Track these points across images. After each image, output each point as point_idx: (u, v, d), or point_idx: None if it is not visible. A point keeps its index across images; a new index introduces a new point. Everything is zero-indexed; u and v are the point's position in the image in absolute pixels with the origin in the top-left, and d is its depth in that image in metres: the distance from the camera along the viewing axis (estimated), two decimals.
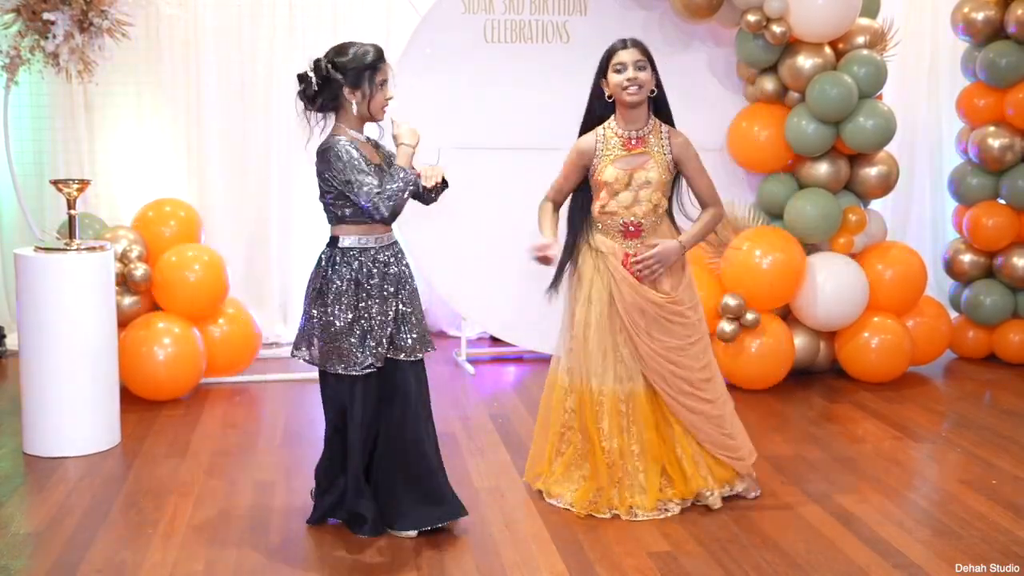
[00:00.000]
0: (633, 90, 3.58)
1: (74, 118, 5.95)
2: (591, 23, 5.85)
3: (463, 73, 5.78)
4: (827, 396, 5.36)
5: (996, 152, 5.94)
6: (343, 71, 3.37)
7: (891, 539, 3.55)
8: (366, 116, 3.45)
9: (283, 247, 6.35)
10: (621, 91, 3.60)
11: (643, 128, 3.66)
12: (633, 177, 3.65)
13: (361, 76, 3.38)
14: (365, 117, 3.46)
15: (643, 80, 3.58)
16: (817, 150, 5.49)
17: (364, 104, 3.41)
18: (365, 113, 3.44)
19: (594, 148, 3.69)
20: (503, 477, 4.12)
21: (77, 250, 4.38)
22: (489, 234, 5.89)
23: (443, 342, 6.49)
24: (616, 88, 3.61)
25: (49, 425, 4.31)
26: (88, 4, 5.18)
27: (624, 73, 3.58)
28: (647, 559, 3.38)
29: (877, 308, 5.56)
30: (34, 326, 4.28)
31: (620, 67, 3.58)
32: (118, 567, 3.29)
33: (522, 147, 5.86)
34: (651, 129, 3.67)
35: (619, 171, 3.64)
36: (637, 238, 3.68)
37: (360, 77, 3.38)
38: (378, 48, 3.43)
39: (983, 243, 6.09)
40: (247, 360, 5.50)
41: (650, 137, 3.66)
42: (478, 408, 5.11)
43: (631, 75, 3.56)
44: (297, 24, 6.18)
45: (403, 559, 3.36)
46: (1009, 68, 5.88)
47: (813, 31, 5.39)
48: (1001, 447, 4.55)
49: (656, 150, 3.66)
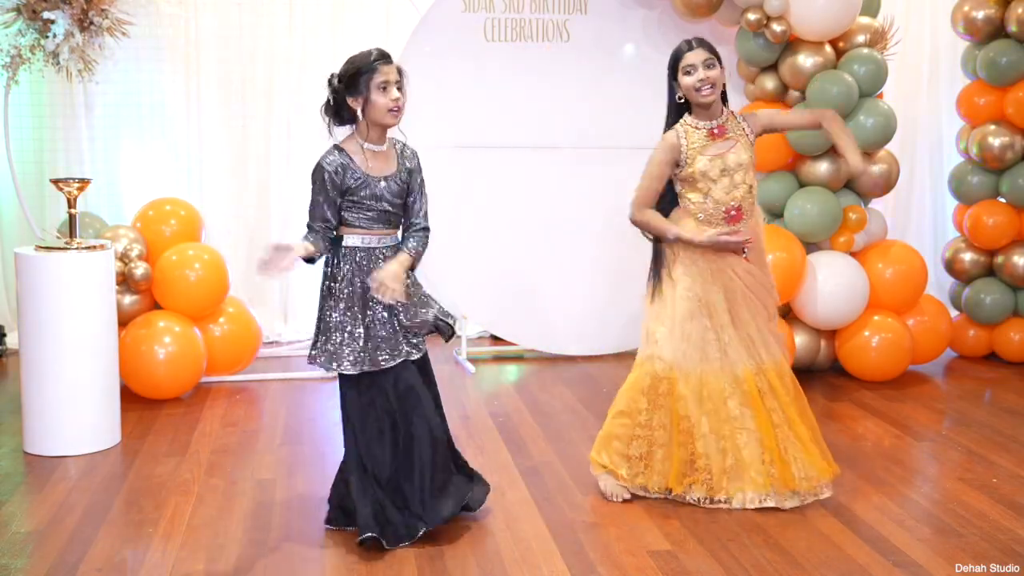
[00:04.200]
0: (707, 91, 3.67)
1: (74, 117, 5.95)
2: (591, 22, 5.86)
3: (463, 72, 5.78)
4: (827, 395, 5.36)
5: (996, 151, 5.94)
6: (343, 79, 3.36)
7: (891, 537, 3.54)
8: (375, 122, 3.39)
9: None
10: (695, 92, 3.68)
11: (720, 117, 3.76)
12: (726, 162, 3.72)
13: (358, 81, 3.34)
14: (375, 123, 3.40)
15: (715, 78, 3.67)
16: (817, 149, 5.49)
17: (367, 110, 3.37)
18: (372, 119, 3.39)
19: (679, 143, 3.74)
20: (503, 476, 4.12)
21: (77, 249, 4.38)
22: (489, 232, 5.89)
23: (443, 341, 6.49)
24: (689, 90, 3.69)
25: (49, 424, 4.31)
26: (88, 3, 5.19)
27: (695, 75, 3.66)
28: (648, 558, 3.38)
29: (877, 307, 5.56)
30: (34, 325, 4.28)
31: (690, 69, 3.66)
32: (118, 566, 3.29)
33: (522, 146, 5.87)
34: (726, 117, 3.77)
35: (710, 159, 3.71)
36: (740, 221, 3.76)
37: (357, 83, 3.35)
38: (379, 51, 3.38)
39: (983, 242, 6.08)
40: (247, 359, 5.50)
41: (728, 124, 3.76)
42: (478, 407, 5.11)
43: (702, 76, 3.65)
44: (297, 24, 6.19)
45: (403, 559, 3.36)
46: (1009, 67, 5.88)
47: (813, 30, 5.39)
48: (1001, 445, 4.55)
49: (737, 132, 3.76)
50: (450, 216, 5.81)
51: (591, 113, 5.90)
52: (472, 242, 5.87)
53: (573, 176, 5.93)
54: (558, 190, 5.92)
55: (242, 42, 6.14)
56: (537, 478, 4.10)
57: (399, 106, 3.37)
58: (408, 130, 6.19)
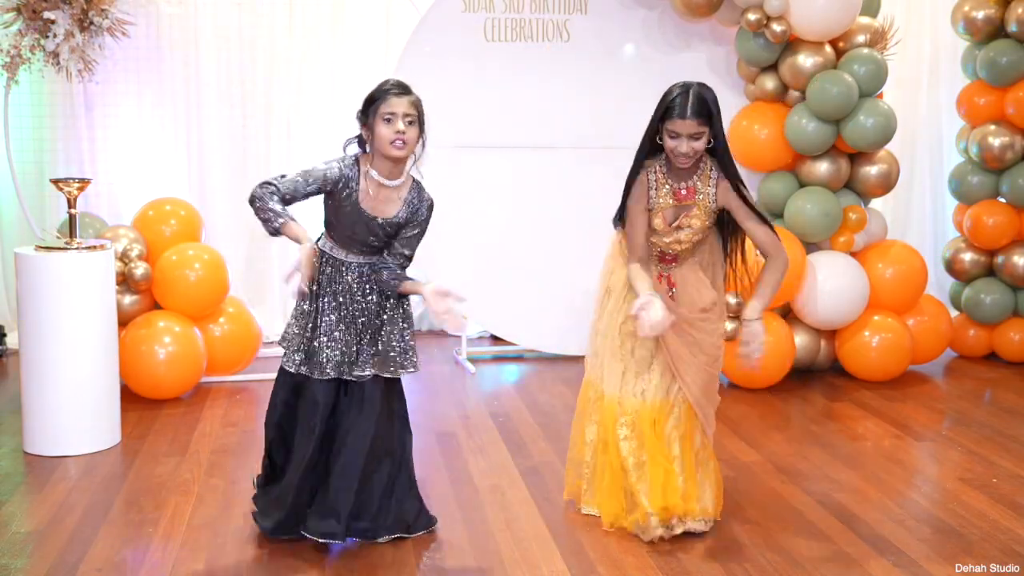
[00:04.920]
0: (683, 160, 3.46)
1: (74, 117, 5.95)
2: (591, 22, 5.85)
3: (463, 72, 5.78)
4: (827, 395, 5.36)
5: (996, 151, 5.94)
6: (363, 105, 3.32)
7: (891, 537, 3.55)
8: (379, 152, 3.30)
9: (283, 246, 6.35)
10: (672, 155, 3.47)
11: (693, 177, 3.55)
12: (679, 225, 3.57)
13: (368, 110, 3.29)
14: (379, 153, 3.31)
15: (697, 149, 3.44)
16: (817, 149, 5.49)
17: (373, 139, 3.29)
18: (377, 149, 3.30)
19: (648, 186, 3.57)
20: (503, 476, 4.12)
21: (78, 249, 4.38)
22: (490, 232, 5.89)
23: (444, 341, 6.50)
24: (669, 150, 3.48)
25: (49, 424, 4.31)
26: (88, 3, 5.19)
27: (677, 142, 3.42)
28: (648, 558, 3.38)
29: (877, 307, 5.56)
30: (34, 325, 4.28)
31: (674, 135, 3.44)
32: (118, 566, 3.29)
33: (522, 146, 5.87)
34: (700, 175, 3.55)
35: (665, 221, 3.56)
36: (674, 263, 3.66)
37: (367, 111, 3.29)
38: (396, 83, 3.30)
39: (983, 242, 6.08)
40: (247, 359, 5.50)
41: (698, 183, 3.56)
42: (479, 407, 5.11)
43: (684, 149, 3.42)
44: (297, 24, 6.18)
45: (404, 558, 3.36)
46: (1009, 67, 5.88)
47: (813, 30, 5.39)
48: (1001, 445, 4.55)
49: (701, 198, 3.55)
50: (450, 216, 5.81)
51: (591, 113, 5.90)
52: (472, 242, 5.87)
53: (573, 176, 5.92)
54: (558, 190, 5.92)
55: (242, 42, 6.14)
56: (537, 478, 4.10)
57: (404, 140, 3.25)
58: None
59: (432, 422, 4.84)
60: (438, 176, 5.83)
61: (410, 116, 3.27)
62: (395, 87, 3.29)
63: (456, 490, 3.97)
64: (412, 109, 3.27)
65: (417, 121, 3.29)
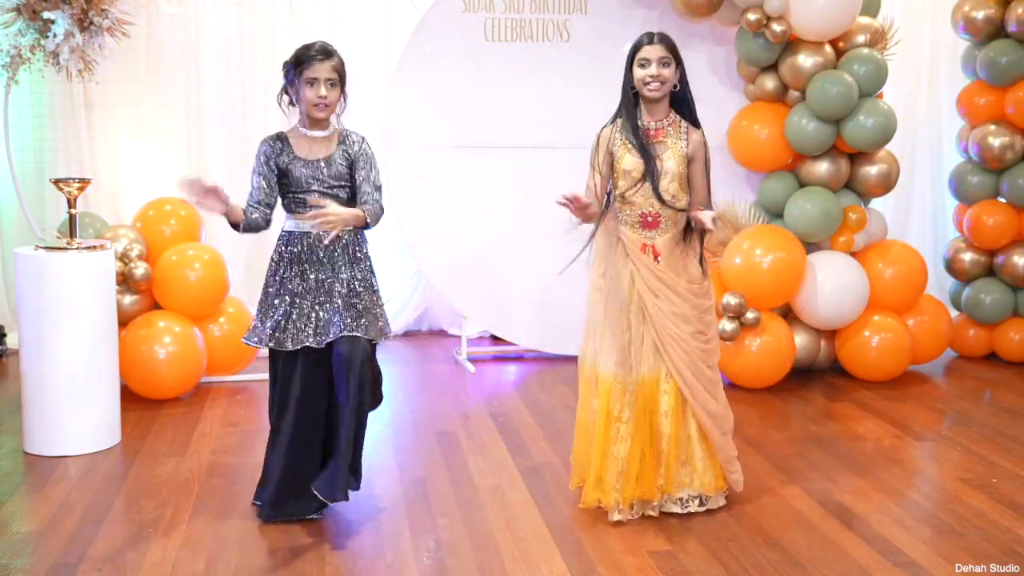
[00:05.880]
0: (655, 86, 3.60)
1: (74, 117, 5.95)
2: (591, 22, 5.85)
3: (463, 72, 5.78)
4: (828, 395, 5.36)
5: (996, 151, 5.94)
6: (288, 66, 3.50)
7: (892, 537, 3.55)
8: (305, 113, 3.51)
9: None
10: (643, 86, 3.62)
11: (663, 120, 3.68)
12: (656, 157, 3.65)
13: (290, 73, 3.49)
14: (305, 114, 3.52)
15: (666, 76, 3.60)
16: (817, 149, 5.49)
17: (299, 100, 3.49)
18: (303, 110, 3.51)
19: (611, 137, 3.71)
20: (503, 476, 4.12)
21: (78, 249, 4.38)
22: (489, 232, 5.89)
23: (444, 341, 6.50)
24: (639, 83, 3.63)
25: (49, 424, 4.31)
26: (88, 3, 5.19)
27: (647, 69, 3.59)
28: (648, 558, 3.38)
29: (877, 307, 5.56)
30: (34, 325, 4.28)
31: (644, 62, 3.60)
32: (118, 566, 3.29)
33: (521, 146, 5.86)
34: (671, 122, 3.69)
35: (637, 159, 3.64)
36: (655, 228, 3.68)
37: (290, 74, 3.49)
38: (321, 46, 3.46)
39: (983, 242, 6.08)
40: (247, 359, 5.50)
41: (669, 129, 3.68)
42: (479, 407, 5.11)
43: (654, 72, 3.58)
44: (297, 23, 6.18)
45: (404, 558, 3.36)
46: (1009, 66, 5.88)
47: (813, 30, 5.39)
48: (1002, 445, 4.55)
49: (673, 141, 3.67)
50: (450, 216, 5.82)
51: (591, 113, 5.86)
52: (472, 242, 5.87)
53: (573, 176, 5.89)
54: (558, 190, 5.89)
55: (242, 42, 6.14)
56: (537, 478, 4.10)
57: (326, 103, 3.45)
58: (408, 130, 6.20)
59: (432, 422, 4.84)
60: (439, 176, 5.88)
61: (332, 79, 3.46)
62: (319, 52, 3.45)
63: (456, 490, 3.97)
64: (333, 73, 3.46)
65: (339, 83, 3.48)
